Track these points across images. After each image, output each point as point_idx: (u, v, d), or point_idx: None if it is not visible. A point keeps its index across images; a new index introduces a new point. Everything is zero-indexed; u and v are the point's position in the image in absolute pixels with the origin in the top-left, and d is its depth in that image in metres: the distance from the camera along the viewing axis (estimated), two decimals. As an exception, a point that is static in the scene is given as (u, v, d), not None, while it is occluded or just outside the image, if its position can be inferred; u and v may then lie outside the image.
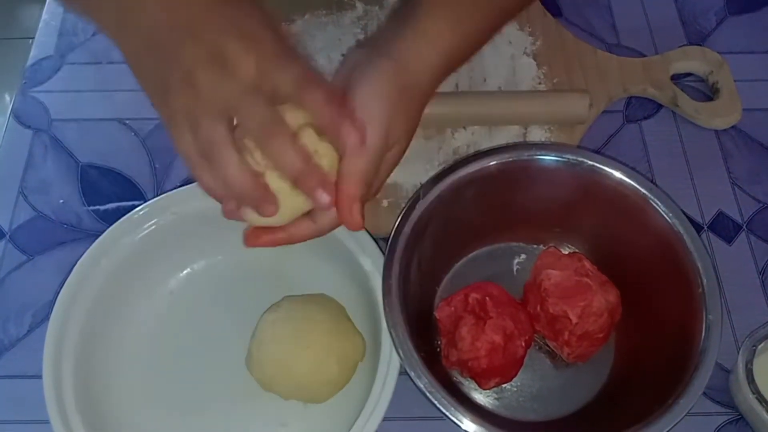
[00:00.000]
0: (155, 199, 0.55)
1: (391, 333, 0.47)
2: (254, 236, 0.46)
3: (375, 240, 0.53)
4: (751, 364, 0.52)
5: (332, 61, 0.67)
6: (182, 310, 0.57)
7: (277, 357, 0.50)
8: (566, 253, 0.57)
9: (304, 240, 0.46)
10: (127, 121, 0.67)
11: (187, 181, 0.63)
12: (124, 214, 0.54)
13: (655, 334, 0.53)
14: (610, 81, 0.67)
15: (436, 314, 0.53)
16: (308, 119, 0.42)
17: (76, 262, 0.52)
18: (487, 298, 0.52)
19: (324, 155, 0.42)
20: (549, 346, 0.55)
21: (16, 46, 1.72)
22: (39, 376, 0.49)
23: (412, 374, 0.46)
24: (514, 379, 0.54)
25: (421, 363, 0.46)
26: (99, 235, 0.54)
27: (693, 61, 0.69)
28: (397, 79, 0.44)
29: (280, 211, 0.43)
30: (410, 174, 0.61)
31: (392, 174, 0.60)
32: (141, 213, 0.54)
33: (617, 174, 0.53)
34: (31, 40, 0.73)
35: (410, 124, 0.46)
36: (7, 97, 1.69)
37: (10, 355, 0.56)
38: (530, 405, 0.54)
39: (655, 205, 0.52)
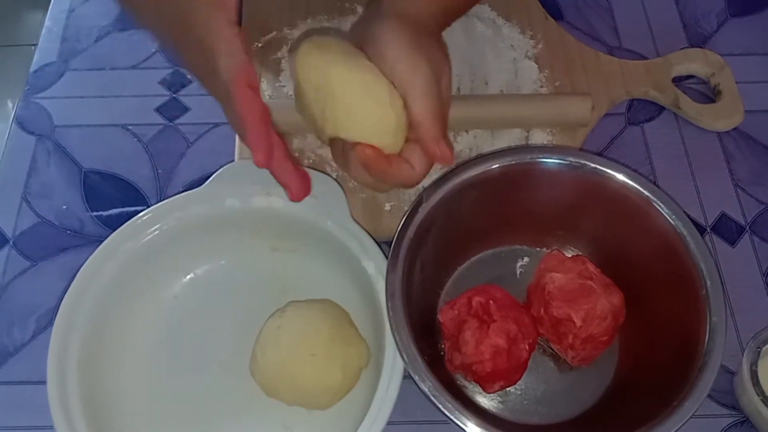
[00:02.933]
0: (158, 204, 0.55)
1: (394, 337, 0.47)
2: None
3: (378, 244, 0.53)
4: (756, 366, 0.52)
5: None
6: (186, 315, 0.57)
7: (281, 364, 0.50)
8: (569, 255, 0.57)
9: (401, 183, 0.47)
10: (130, 127, 0.67)
11: (190, 186, 0.63)
12: (127, 220, 0.54)
13: (659, 336, 0.53)
14: (612, 84, 0.67)
15: (440, 318, 0.53)
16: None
17: (79, 268, 0.52)
18: (490, 301, 0.52)
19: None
20: (553, 350, 0.55)
21: (19, 52, 1.73)
22: (43, 382, 0.49)
23: (415, 378, 0.46)
24: (519, 383, 0.54)
25: (424, 366, 0.46)
26: (102, 241, 0.54)
27: (694, 63, 0.69)
28: (410, 28, 0.46)
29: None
30: (413, 178, 0.61)
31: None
32: (144, 218, 0.54)
33: (620, 176, 0.53)
34: (34, 47, 0.73)
35: (442, 49, 0.49)
36: (10, 104, 1.69)
37: (14, 361, 0.56)
38: (534, 408, 0.54)
39: (657, 207, 0.52)
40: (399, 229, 0.51)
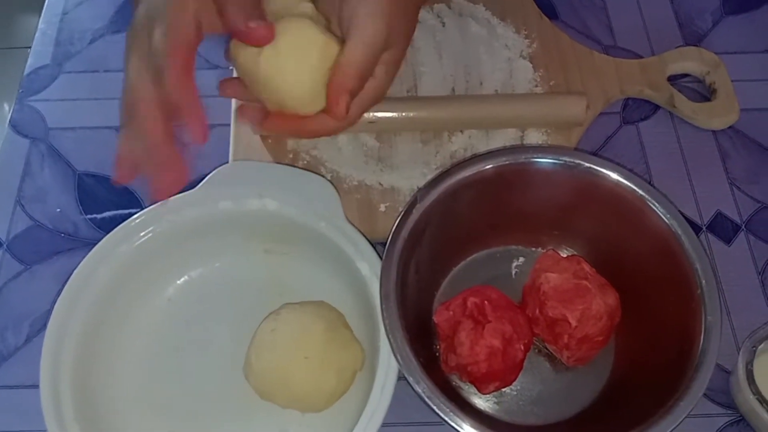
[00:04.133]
0: (152, 206, 0.55)
1: (389, 338, 0.47)
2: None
3: (372, 245, 0.53)
4: (752, 365, 0.52)
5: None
6: (180, 317, 0.56)
7: (275, 367, 0.50)
8: (565, 255, 0.56)
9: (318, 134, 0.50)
10: (124, 129, 0.67)
11: (184, 189, 0.62)
12: (120, 222, 0.54)
13: (655, 336, 0.52)
14: (607, 83, 0.67)
15: (435, 319, 0.53)
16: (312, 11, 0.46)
17: (73, 271, 0.52)
18: (485, 302, 0.52)
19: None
20: (548, 350, 0.55)
21: (13, 55, 1.72)
22: (37, 386, 0.49)
23: (410, 379, 0.46)
24: (514, 383, 0.54)
25: (419, 368, 0.46)
26: (96, 244, 0.53)
27: (690, 61, 0.69)
28: None
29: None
30: (407, 178, 0.61)
31: (389, 178, 0.61)
32: (138, 221, 0.54)
33: (615, 176, 0.53)
34: (28, 50, 0.73)
35: (409, 25, 0.48)
36: (6, 107, 1.69)
37: (8, 365, 0.56)
38: (530, 409, 0.53)
39: (653, 206, 0.52)
40: (393, 229, 0.51)
